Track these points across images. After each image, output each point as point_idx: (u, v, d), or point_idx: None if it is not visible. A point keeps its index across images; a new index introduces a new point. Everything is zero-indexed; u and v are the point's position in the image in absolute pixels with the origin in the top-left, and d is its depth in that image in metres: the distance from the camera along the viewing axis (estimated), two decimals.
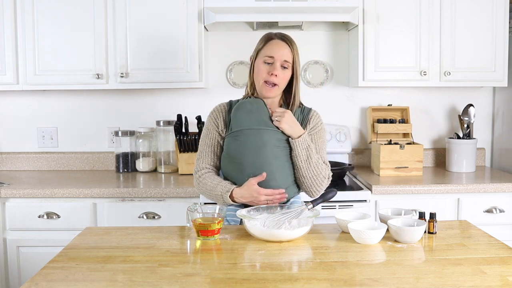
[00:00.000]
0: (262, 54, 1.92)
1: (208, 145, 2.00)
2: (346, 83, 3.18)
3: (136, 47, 2.80)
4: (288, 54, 1.90)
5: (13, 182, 2.75)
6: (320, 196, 1.82)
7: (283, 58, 1.89)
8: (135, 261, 1.47)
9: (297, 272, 1.41)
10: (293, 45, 1.93)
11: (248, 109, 1.92)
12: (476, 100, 3.20)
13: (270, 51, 1.90)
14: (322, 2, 2.64)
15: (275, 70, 1.88)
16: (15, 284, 2.59)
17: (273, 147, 1.88)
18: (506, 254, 1.51)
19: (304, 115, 1.99)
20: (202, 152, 2.01)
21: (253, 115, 1.90)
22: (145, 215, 2.55)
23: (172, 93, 3.16)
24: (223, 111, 1.99)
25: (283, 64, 1.90)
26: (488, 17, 2.84)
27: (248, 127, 1.89)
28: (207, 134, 2.00)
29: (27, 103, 3.18)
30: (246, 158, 1.88)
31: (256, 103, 1.93)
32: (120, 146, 3.09)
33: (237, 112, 1.93)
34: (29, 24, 2.79)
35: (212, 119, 2.00)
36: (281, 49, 1.90)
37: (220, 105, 2.02)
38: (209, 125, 2.01)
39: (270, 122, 1.90)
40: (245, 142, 1.89)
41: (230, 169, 1.94)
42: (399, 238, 1.62)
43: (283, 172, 1.89)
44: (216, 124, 1.98)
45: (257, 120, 1.90)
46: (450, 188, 2.60)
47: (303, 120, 1.97)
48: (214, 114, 2.00)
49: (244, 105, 1.94)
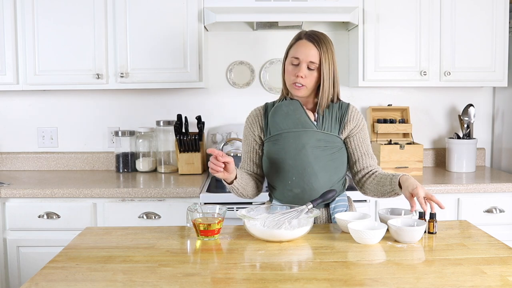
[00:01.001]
0: (290, 54, 1.90)
1: (245, 151, 2.01)
2: (346, 83, 3.18)
3: (136, 47, 2.80)
4: (315, 55, 1.84)
5: (13, 182, 2.75)
6: (320, 196, 1.81)
7: (308, 59, 1.84)
8: (135, 261, 1.47)
9: (297, 272, 1.41)
10: (322, 44, 1.85)
11: (284, 112, 1.90)
12: (476, 100, 3.20)
13: (296, 52, 1.86)
14: (322, 2, 2.64)
15: (300, 72, 1.84)
16: (15, 284, 2.59)
17: (313, 148, 1.85)
18: (506, 254, 1.51)
19: (343, 111, 1.92)
20: (243, 158, 2.03)
21: (290, 117, 1.88)
22: (145, 215, 2.56)
23: (172, 93, 3.16)
24: (259, 115, 1.97)
25: (309, 65, 1.85)
26: (488, 17, 2.84)
27: (286, 130, 1.88)
28: (245, 140, 2.01)
29: (27, 103, 3.18)
30: (286, 161, 1.87)
31: (292, 105, 1.90)
32: (120, 146, 3.09)
33: (274, 115, 1.92)
34: (29, 24, 2.79)
35: (248, 126, 1.99)
36: (306, 50, 1.84)
37: (256, 110, 2.01)
38: (246, 131, 2.00)
39: (309, 122, 1.87)
40: (284, 145, 1.87)
41: (272, 172, 1.93)
42: (399, 238, 1.62)
43: (325, 172, 1.87)
44: (252, 130, 1.97)
45: (294, 122, 1.88)
46: (450, 188, 2.60)
47: (342, 116, 1.91)
48: (250, 120, 1.99)
49: (280, 108, 1.92)
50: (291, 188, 1.88)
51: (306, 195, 1.86)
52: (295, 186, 1.87)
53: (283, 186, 1.90)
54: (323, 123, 1.89)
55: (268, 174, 1.96)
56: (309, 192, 1.86)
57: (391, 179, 1.81)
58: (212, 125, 3.17)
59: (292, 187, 1.88)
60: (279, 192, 1.93)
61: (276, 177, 1.91)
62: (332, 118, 1.90)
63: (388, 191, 1.83)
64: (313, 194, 1.86)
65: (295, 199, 1.88)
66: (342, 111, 1.92)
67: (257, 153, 1.98)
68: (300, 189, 1.87)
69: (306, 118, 1.88)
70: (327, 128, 1.89)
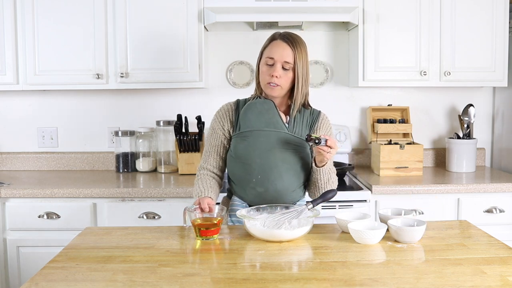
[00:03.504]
0: (264, 54, 1.91)
1: (213, 145, 1.99)
2: (346, 83, 3.18)
3: (136, 47, 2.80)
4: (289, 55, 1.86)
5: (13, 182, 2.75)
6: (320, 196, 1.81)
7: (283, 59, 1.86)
8: (135, 261, 1.47)
9: (297, 272, 1.41)
10: (297, 45, 1.88)
11: (258, 110, 1.91)
12: (476, 100, 3.20)
13: (270, 52, 1.88)
14: (322, 2, 2.64)
15: (275, 72, 1.86)
16: (15, 284, 2.59)
17: (282, 149, 1.87)
18: (506, 254, 1.51)
19: (314, 118, 1.96)
20: (207, 152, 2.00)
21: (263, 116, 1.89)
22: (145, 215, 2.56)
23: (172, 93, 3.16)
24: (230, 110, 1.98)
25: (283, 65, 1.87)
26: (488, 17, 2.84)
27: (257, 128, 1.88)
28: (212, 134, 2.00)
29: (27, 103, 3.18)
30: (254, 159, 1.87)
31: (266, 104, 1.91)
32: (120, 146, 3.09)
33: (247, 112, 1.92)
34: (29, 24, 2.79)
35: (218, 119, 1.99)
36: (281, 50, 1.87)
37: (227, 105, 2.01)
38: (214, 124, 1.99)
39: (280, 124, 1.89)
40: (253, 143, 1.88)
41: (236, 169, 1.93)
42: (399, 238, 1.62)
43: (291, 174, 1.88)
44: (222, 124, 1.97)
45: (267, 121, 1.89)
46: (450, 188, 2.60)
47: (312, 122, 1.95)
48: (220, 114, 1.99)
49: (254, 105, 1.92)
50: (254, 186, 1.89)
51: (269, 195, 1.87)
52: (259, 185, 1.88)
53: (246, 183, 1.90)
54: (294, 126, 1.91)
55: (231, 170, 1.96)
56: (272, 193, 1.87)
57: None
58: None
59: (255, 186, 1.88)
60: (241, 189, 1.93)
61: (240, 174, 1.90)
62: (303, 123, 1.93)
63: (312, 177, 1.91)
64: (275, 195, 1.87)
65: (257, 197, 1.89)
66: (313, 117, 1.96)
67: (224, 147, 1.98)
68: (263, 189, 1.88)
69: (278, 119, 1.89)
70: (297, 131, 1.91)
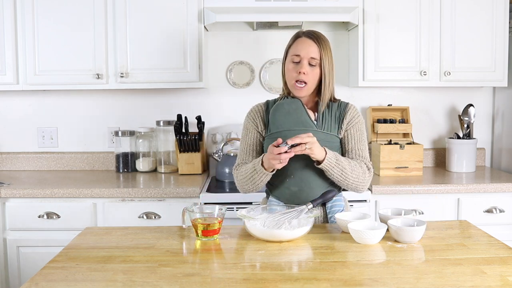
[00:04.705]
0: (290, 53, 1.91)
1: (249, 144, 1.98)
2: (346, 83, 3.18)
3: (136, 47, 2.80)
4: (315, 51, 1.86)
5: (13, 182, 2.75)
6: (320, 196, 1.81)
7: (309, 56, 1.86)
8: (135, 261, 1.47)
9: (297, 272, 1.41)
10: (321, 41, 1.89)
11: (286, 110, 1.91)
12: (476, 100, 3.20)
13: (296, 50, 1.88)
14: (322, 2, 2.64)
15: (302, 68, 1.86)
16: (15, 284, 2.59)
17: None
18: (506, 254, 1.51)
19: (341, 110, 1.95)
20: (243, 150, 1.99)
21: (291, 116, 1.89)
22: (145, 215, 2.55)
23: (172, 93, 3.16)
24: (261, 111, 1.99)
25: (310, 62, 1.87)
26: (488, 17, 2.84)
27: (287, 129, 1.88)
28: (247, 133, 1.99)
29: (27, 103, 3.18)
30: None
31: (294, 104, 1.91)
32: (120, 146, 3.09)
33: (275, 113, 1.92)
34: (29, 24, 2.79)
35: (251, 119, 1.99)
36: (307, 47, 1.87)
37: (258, 105, 2.02)
38: (248, 125, 1.99)
39: (309, 122, 1.88)
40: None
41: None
42: (399, 238, 1.62)
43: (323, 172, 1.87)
44: (255, 123, 1.97)
45: (295, 121, 1.88)
46: (450, 188, 2.60)
47: (340, 115, 1.94)
48: (252, 114, 2.00)
49: (282, 106, 1.92)
50: (288, 186, 1.89)
51: (304, 194, 1.87)
52: (293, 184, 1.88)
53: (281, 183, 1.90)
54: (323, 122, 1.91)
55: None
56: (307, 191, 1.87)
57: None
58: (212, 125, 3.17)
59: (290, 185, 1.89)
60: (276, 189, 1.93)
61: (275, 175, 1.89)
62: (332, 118, 1.93)
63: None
64: (310, 193, 1.86)
65: (292, 197, 1.89)
66: (341, 110, 1.95)
67: (261, 144, 1.98)
68: (297, 188, 1.88)
69: (307, 118, 1.89)
70: (327, 127, 1.90)
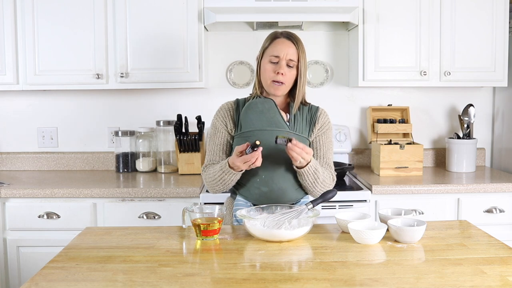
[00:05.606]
0: (267, 53, 1.92)
1: (217, 143, 1.97)
2: (346, 83, 3.18)
3: (136, 47, 2.80)
4: (294, 53, 1.89)
5: (13, 182, 2.75)
6: (320, 196, 1.81)
7: (288, 57, 1.88)
8: (135, 261, 1.47)
9: (297, 272, 1.41)
10: (299, 43, 1.92)
11: (259, 109, 1.90)
12: (476, 100, 3.20)
13: (275, 50, 1.89)
14: (322, 2, 2.64)
15: (281, 69, 1.87)
16: (15, 284, 2.59)
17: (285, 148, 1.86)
18: (506, 254, 1.51)
19: (312, 113, 1.96)
20: (211, 151, 1.98)
21: (264, 115, 1.89)
22: (145, 215, 2.56)
23: (172, 93, 3.16)
24: (231, 109, 1.98)
25: (288, 63, 1.89)
26: (488, 17, 2.84)
27: (259, 128, 1.88)
28: (216, 133, 1.98)
29: (27, 103, 3.18)
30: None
31: (267, 103, 1.91)
32: (120, 146, 3.09)
33: (248, 112, 1.91)
34: (29, 24, 2.79)
35: (220, 118, 1.98)
36: (286, 48, 1.89)
37: (227, 104, 2.01)
38: (217, 123, 1.98)
39: (282, 122, 1.89)
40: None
41: None
42: (399, 238, 1.62)
43: (294, 173, 1.87)
44: (225, 123, 1.96)
45: (268, 120, 1.88)
46: (450, 188, 2.60)
47: (311, 118, 1.95)
48: (221, 113, 1.99)
49: (255, 105, 1.92)
50: (258, 186, 1.88)
51: (273, 194, 1.87)
52: (263, 185, 1.87)
53: (251, 183, 1.89)
54: (295, 124, 1.92)
55: None
56: (276, 192, 1.87)
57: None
58: None
59: (260, 185, 1.88)
60: (245, 188, 1.92)
61: (244, 174, 1.88)
62: (303, 120, 1.94)
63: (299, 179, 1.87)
64: (280, 194, 1.87)
65: (261, 197, 1.88)
66: (312, 113, 1.97)
67: (230, 145, 1.97)
68: (268, 188, 1.87)
69: (279, 118, 1.90)
70: (298, 129, 1.92)
